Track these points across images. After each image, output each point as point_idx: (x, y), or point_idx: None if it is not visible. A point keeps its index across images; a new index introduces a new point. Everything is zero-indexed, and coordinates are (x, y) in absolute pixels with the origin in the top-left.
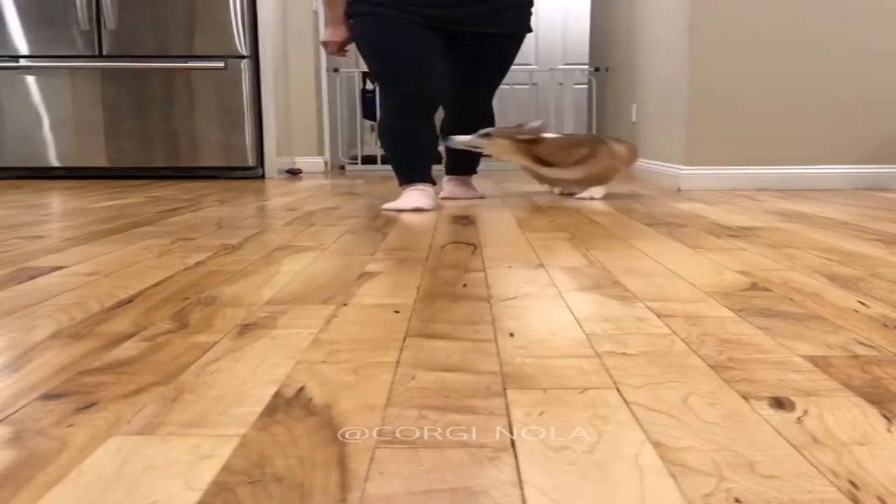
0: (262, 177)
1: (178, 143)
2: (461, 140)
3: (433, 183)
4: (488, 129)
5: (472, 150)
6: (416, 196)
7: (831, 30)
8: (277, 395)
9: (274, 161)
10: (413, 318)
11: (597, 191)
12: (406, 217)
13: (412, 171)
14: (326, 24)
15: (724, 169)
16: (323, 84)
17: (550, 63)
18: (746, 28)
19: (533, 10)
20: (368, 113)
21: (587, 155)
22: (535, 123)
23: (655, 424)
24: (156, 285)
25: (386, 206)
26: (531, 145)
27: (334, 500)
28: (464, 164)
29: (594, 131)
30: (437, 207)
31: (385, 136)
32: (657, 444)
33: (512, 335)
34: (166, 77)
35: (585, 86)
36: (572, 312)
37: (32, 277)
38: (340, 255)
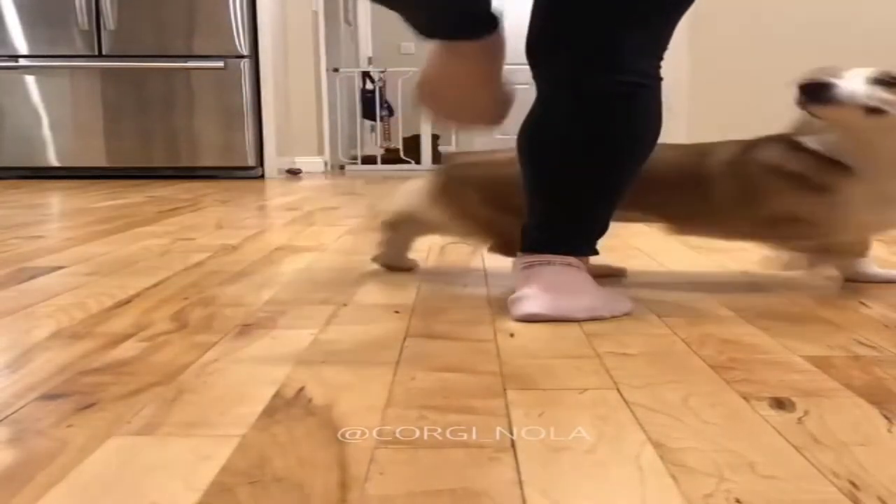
0: (262, 177)
1: (177, 142)
2: None
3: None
4: None
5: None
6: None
7: (831, 29)
8: (277, 395)
9: (274, 161)
10: (413, 318)
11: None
12: None
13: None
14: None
15: None
16: (323, 84)
17: None
18: (746, 28)
19: None
20: (368, 113)
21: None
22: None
23: (656, 425)
24: (156, 285)
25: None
26: None
27: (334, 501)
28: None
29: None
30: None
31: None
32: (657, 445)
33: (512, 335)
34: (166, 77)
35: None
36: None
37: (32, 277)
38: (340, 255)
